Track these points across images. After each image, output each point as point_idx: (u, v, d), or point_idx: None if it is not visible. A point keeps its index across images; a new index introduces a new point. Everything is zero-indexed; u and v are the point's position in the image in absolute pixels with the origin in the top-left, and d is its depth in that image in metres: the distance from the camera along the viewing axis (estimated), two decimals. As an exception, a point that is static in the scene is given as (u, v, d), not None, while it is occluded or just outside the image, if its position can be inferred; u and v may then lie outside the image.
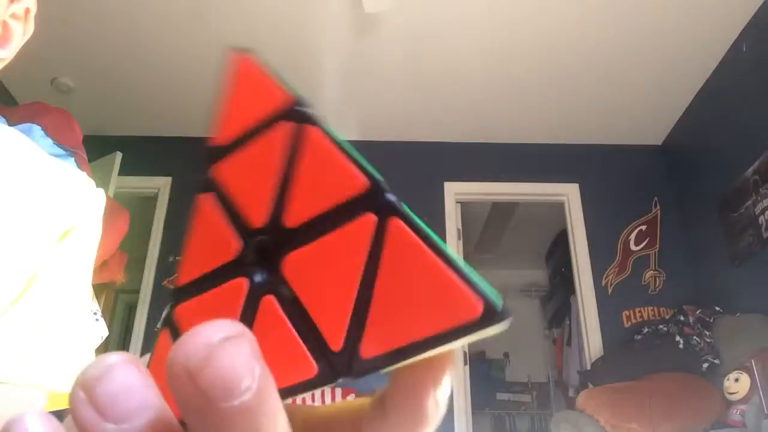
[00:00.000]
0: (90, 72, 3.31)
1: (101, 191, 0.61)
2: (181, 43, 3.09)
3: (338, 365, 0.14)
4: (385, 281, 0.13)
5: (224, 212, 0.17)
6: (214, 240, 0.16)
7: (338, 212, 0.14)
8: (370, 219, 0.14)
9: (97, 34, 3.03)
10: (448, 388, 0.16)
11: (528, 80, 3.33)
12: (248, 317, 0.16)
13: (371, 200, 0.14)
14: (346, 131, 3.80)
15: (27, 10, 0.59)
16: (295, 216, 0.15)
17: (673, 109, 3.56)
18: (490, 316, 0.12)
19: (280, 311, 0.15)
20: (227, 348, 0.13)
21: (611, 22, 2.91)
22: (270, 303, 0.15)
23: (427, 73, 3.29)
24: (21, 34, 0.58)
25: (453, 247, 3.59)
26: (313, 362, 0.14)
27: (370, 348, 0.13)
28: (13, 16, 0.57)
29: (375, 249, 0.13)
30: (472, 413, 3.38)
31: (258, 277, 0.16)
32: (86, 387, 0.13)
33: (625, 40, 3.02)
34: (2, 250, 0.47)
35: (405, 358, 0.13)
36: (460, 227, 3.70)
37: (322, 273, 0.14)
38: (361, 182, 0.14)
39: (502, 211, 4.82)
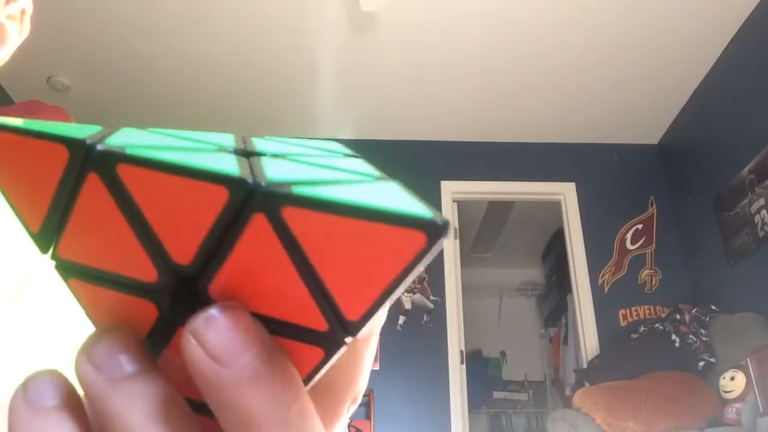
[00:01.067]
0: (86, 71, 3.30)
1: None
2: (178, 42, 3.08)
3: (336, 335, 0.14)
4: (318, 258, 0.12)
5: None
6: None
7: (220, 228, 0.13)
8: (260, 220, 0.12)
9: (94, 33, 3.01)
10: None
11: (525, 79, 3.33)
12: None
13: (241, 201, 0.12)
14: (343, 130, 3.80)
15: (23, 11, 0.58)
16: (182, 253, 0.13)
17: (669, 109, 3.57)
18: (435, 236, 0.12)
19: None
20: (229, 312, 0.13)
21: (607, 22, 2.92)
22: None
23: (423, 71, 3.29)
24: (17, 35, 0.58)
25: (450, 246, 3.59)
26: (317, 346, 0.14)
27: (351, 312, 0.13)
28: (9, 17, 0.57)
29: (286, 241, 0.12)
30: (469, 412, 3.38)
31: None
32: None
33: (622, 39, 3.02)
34: (5, 244, 0.47)
35: (382, 304, 0.13)
36: (456, 226, 3.71)
37: (254, 283, 0.13)
38: (219, 192, 0.12)
39: (498, 210, 4.83)
